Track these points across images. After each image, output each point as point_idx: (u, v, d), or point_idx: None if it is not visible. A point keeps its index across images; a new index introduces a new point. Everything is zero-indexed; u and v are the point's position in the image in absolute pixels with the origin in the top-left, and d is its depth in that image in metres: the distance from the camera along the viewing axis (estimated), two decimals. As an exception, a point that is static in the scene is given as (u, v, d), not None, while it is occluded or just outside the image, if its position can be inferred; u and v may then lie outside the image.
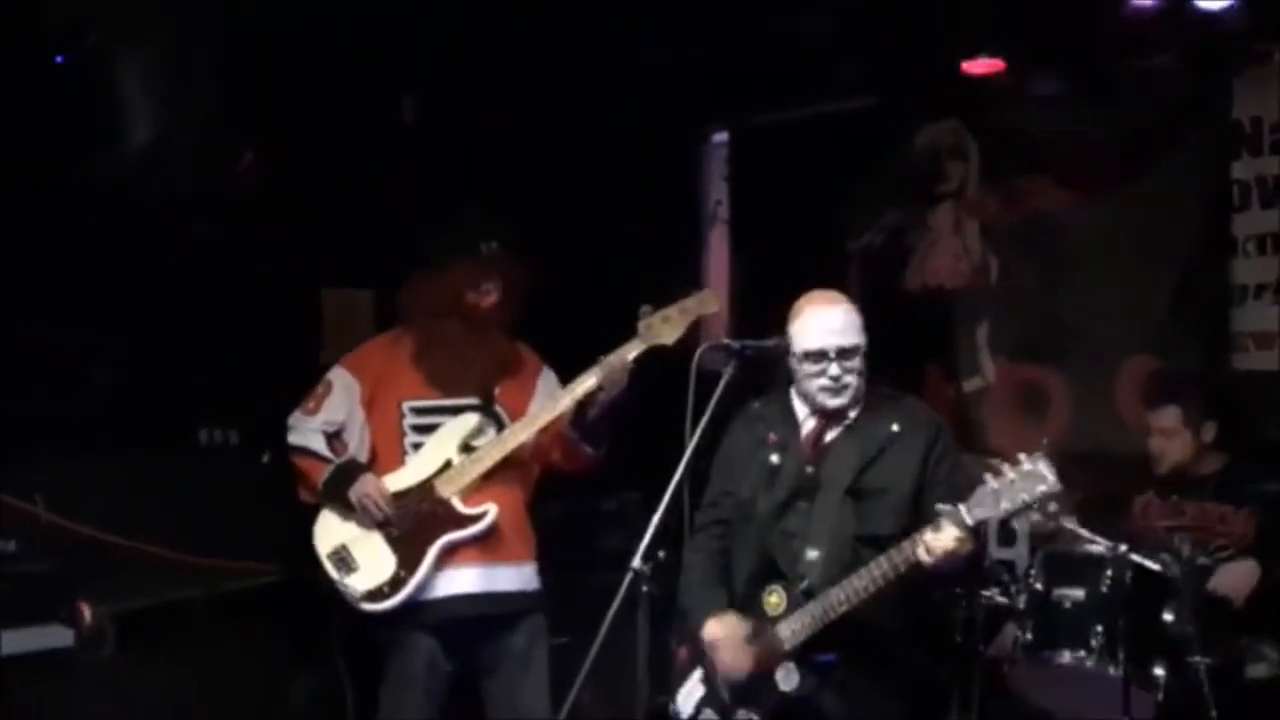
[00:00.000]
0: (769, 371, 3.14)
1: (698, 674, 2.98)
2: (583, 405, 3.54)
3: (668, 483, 2.82)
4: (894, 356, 4.92)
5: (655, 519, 2.46)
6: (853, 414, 3.05)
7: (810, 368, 2.98)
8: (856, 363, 3.01)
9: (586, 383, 3.51)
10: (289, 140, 4.26)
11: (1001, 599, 3.90)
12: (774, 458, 3.03)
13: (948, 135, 5.17)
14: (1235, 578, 3.69)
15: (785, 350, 2.97)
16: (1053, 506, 2.72)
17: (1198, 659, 3.49)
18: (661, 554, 2.46)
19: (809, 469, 3.00)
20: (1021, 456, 2.74)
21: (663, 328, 3.45)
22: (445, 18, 4.49)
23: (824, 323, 3.01)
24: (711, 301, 3.51)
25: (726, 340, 3.02)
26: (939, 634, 4.03)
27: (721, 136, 5.72)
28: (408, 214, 4.46)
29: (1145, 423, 4.17)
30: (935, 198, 5.22)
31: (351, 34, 4.31)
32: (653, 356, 3.48)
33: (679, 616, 2.99)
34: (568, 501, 4.36)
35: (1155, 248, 4.67)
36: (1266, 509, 3.74)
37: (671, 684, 3.00)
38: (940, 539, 2.76)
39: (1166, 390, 4.11)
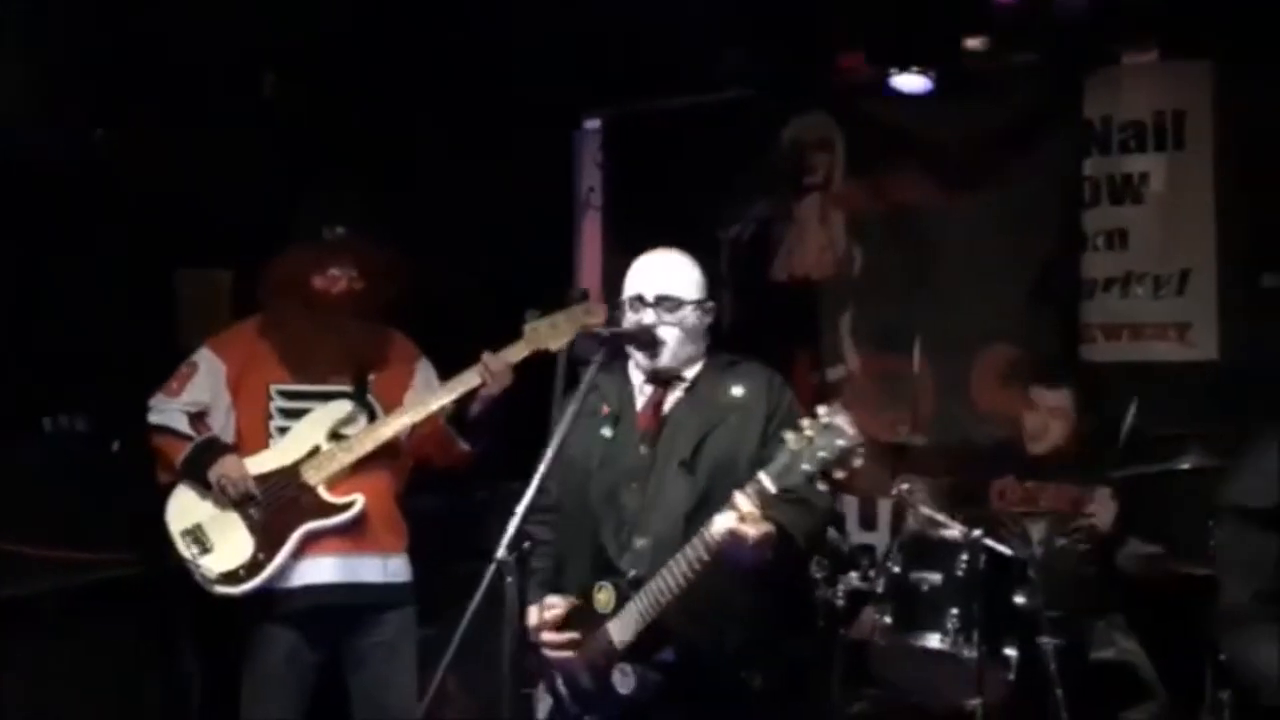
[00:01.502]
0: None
1: (542, 687, 2.85)
2: (464, 401, 3.47)
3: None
4: (761, 344, 5.09)
5: (520, 509, 2.43)
6: (690, 374, 2.87)
7: (630, 316, 2.82)
8: (681, 316, 2.82)
9: (468, 382, 3.44)
10: (142, 114, 4.09)
11: (861, 583, 4.00)
12: (605, 431, 2.85)
13: (815, 128, 5.24)
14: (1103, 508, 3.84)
15: (653, 334, 2.82)
16: (856, 461, 2.52)
17: (1046, 640, 3.63)
18: (527, 544, 2.43)
19: (643, 448, 2.82)
20: (820, 409, 2.54)
21: (550, 333, 3.39)
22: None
23: (645, 268, 2.86)
24: (597, 312, 3.42)
25: (597, 328, 2.99)
26: (803, 617, 4.12)
27: (595, 123, 5.69)
28: (267, 192, 4.33)
29: (1003, 409, 4.29)
30: (802, 189, 5.29)
31: (211, 3, 4.15)
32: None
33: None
34: (441, 493, 4.30)
35: (1013, 241, 4.80)
36: (1126, 493, 3.92)
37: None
38: (724, 519, 2.53)
39: (1060, 373, 4.25)
